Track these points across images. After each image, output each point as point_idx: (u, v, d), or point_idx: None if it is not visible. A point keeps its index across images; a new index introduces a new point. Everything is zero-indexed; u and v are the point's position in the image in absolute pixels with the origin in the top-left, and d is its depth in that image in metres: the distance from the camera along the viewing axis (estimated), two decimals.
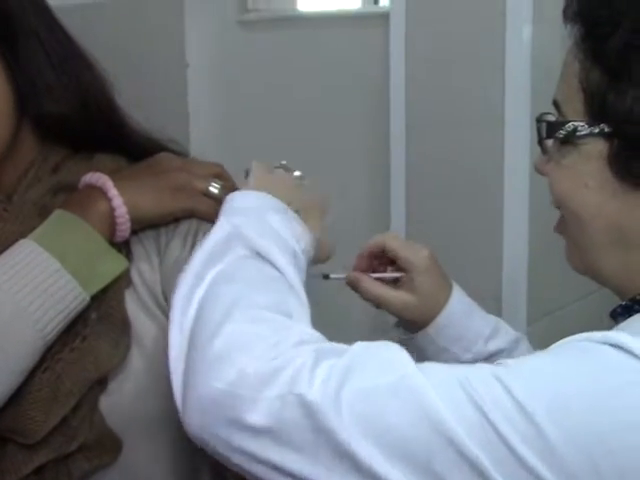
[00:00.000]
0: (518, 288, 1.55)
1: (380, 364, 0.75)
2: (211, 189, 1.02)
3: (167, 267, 1.00)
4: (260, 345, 0.76)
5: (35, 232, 0.94)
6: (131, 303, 0.99)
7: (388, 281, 1.10)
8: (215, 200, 1.01)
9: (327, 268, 1.06)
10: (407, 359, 0.76)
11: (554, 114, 0.88)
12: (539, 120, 0.89)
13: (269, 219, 0.90)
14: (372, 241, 1.11)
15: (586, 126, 0.82)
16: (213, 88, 1.90)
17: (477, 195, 1.56)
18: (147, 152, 1.04)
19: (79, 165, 1.02)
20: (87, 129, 1.02)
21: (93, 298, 0.95)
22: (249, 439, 0.73)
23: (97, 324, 0.96)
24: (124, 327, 0.97)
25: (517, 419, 0.70)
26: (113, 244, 0.97)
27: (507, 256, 1.55)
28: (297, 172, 1.02)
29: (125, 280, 0.98)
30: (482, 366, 0.76)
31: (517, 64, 1.47)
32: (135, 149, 1.05)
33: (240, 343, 0.76)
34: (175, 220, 1.01)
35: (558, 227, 0.92)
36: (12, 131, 0.99)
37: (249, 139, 1.87)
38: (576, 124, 0.83)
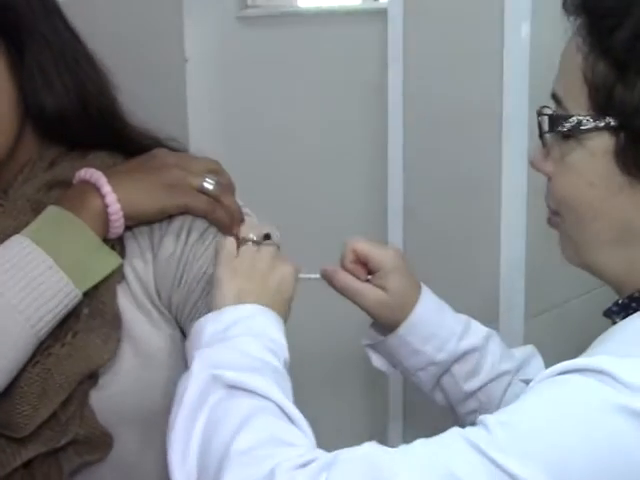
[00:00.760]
0: (516, 285, 1.55)
1: (370, 470, 0.73)
2: (205, 185, 1.01)
3: (160, 263, 1.01)
4: None
5: (28, 228, 0.94)
6: (124, 299, 1.00)
7: None
8: (209, 196, 1.01)
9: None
10: (394, 455, 0.75)
11: (552, 108, 0.87)
12: (540, 114, 0.87)
13: (243, 346, 0.88)
14: (346, 250, 1.10)
15: (591, 120, 0.81)
16: (212, 83, 1.89)
17: (475, 192, 1.56)
18: (145, 150, 1.04)
19: (74, 161, 1.03)
20: (86, 128, 1.02)
21: (85, 294, 0.95)
22: None
23: (89, 319, 0.96)
24: (115, 322, 0.97)
25: None
26: (107, 240, 0.97)
27: (505, 253, 1.55)
28: (268, 240, 1.00)
29: (118, 276, 0.98)
30: (462, 445, 0.73)
31: (516, 61, 1.47)
32: (134, 148, 1.04)
33: None
34: (169, 216, 1.01)
35: (552, 221, 0.90)
36: (17, 130, 0.99)
37: (247, 134, 1.87)
38: (580, 118, 0.82)
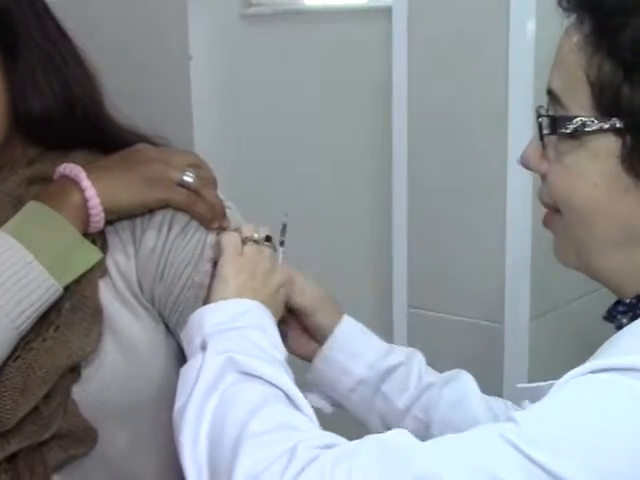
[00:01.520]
0: (521, 285, 1.55)
1: (400, 459, 0.73)
2: (185, 179, 1.01)
3: (142, 257, 1.01)
4: (276, 469, 0.75)
5: (8, 224, 0.94)
6: (107, 292, 1.00)
7: None
8: (190, 190, 1.01)
9: None
10: (423, 449, 0.74)
11: (548, 105, 0.84)
12: (540, 115, 0.84)
13: (252, 337, 0.91)
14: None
15: (595, 121, 0.78)
16: (216, 81, 1.90)
17: (480, 191, 1.56)
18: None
19: (55, 158, 1.03)
20: (70, 129, 1.03)
21: (67, 288, 0.95)
22: None
23: (70, 313, 0.96)
24: (96, 316, 0.98)
25: None
26: (88, 235, 0.97)
27: (510, 253, 1.54)
28: (267, 243, 1.03)
29: (99, 270, 0.99)
30: (494, 439, 0.72)
31: (520, 59, 1.47)
32: (118, 147, 1.04)
33: (256, 473, 0.76)
34: (150, 210, 1.01)
35: (548, 222, 0.88)
36: (7, 131, 1.00)
37: (251, 132, 1.87)
38: (585, 119, 0.79)
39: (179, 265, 1.01)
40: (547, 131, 0.83)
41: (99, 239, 0.99)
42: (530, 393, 1.03)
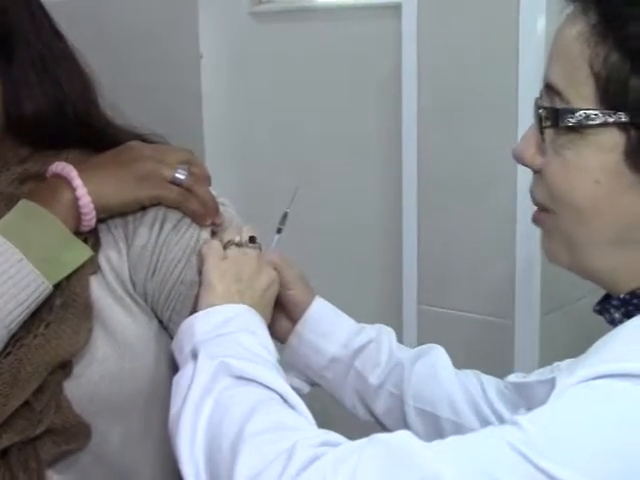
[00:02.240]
0: (532, 281, 1.54)
1: (405, 461, 0.72)
2: (177, 176, 1.01)
3: (134, 254, 1.02)
4: (276, 468, 0.75)
5: None
6: (99, 289, 1.00)
7: None
8: (182, 187, 1.01)
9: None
10: (428, 452, 0.73)
11: (544, 99, 0.81)
12: (540, 106, 0.81)
13: (243, 341, 0.91)
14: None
15: (600, 115, 0.76)
16: (227, 79, 1.90)
17: (490, 187, 1.56)
18: None
19: (47, 156, 1.04)
20: (62, 130, 1.04)
21: (58, 285, 0.96)
22: None
23: (61, 310, 0.97)
24: (86, 312, 0.98)
25: None
26: (80, 233, 0.98)
27: (520, 249, 1.54)
28: (252, 244, 1.03)
29: (91, 267, 0.99)
30: (499, 444, 0.71)
31: (530, 55, 1.47)
32: (112, 146, 1.04)
33: (256, 472, 0.75)
34: (143, 208, 1.02)
35: (539, 220, 0.86)
36: (1, 131, 1.00)
37: (261, 129, 1.88)
38: (588, 112, 0.76)
39: (171, 262, 1.01)
40: (548, 124, 0.80)
41: (91, 237, 1.00)
42: (519, 388, 1.04)
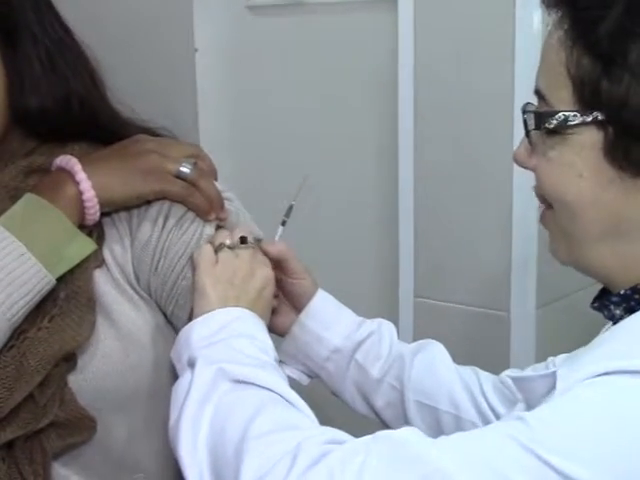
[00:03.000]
0: (528, 273, 1.55)
1: (411, 458, 0.73)
2: (182, 170, 1.01)
3: (138, 249, 1.02)
4: (282, 467, 0.75)
5: (3, 216, 0.95)
6: (104, 282, 1.01)
7: None
8: (187, 181, 1.01)
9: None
10: (434, 449, 0.73)
11: (535, 104, 0.85)
12: (525, 111, 0.85)
13: (238, 346, 0.91)
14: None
15: (578, 115, 0.79)
16: (222, 73, 1.90)
17: (486, 182, 1.56)
18: None
19: (53, 149, 1.03)
20: (68, 124, 1.03)
21: (62, 278, 0.96)
22: None
23: (65, 303, 0.97)
24: (90, 305, 0.98)
25: None
26: (84, 226, 0.98)
27: (516, 241, 1.54)
28: (244, 244, 1.03)
29: (95, 260, 0.99)
30: (505, 440, 0.72)
31: (527, 50, 1.46)
32: (119, 140, 1.04)
33: (263, 473, 0.76)
34: (148, 202, 1.02)
35: (543, 219, 0.89)
36: (5, 124, 1.00)
37: (257, 123, 1.87)
38: (567, 114, 0.79)
39: (174, 256, 1.01)
40: (532, 127, 0.84)
41: (96, 230, 1.00)
42: (518, 382, 1.04)
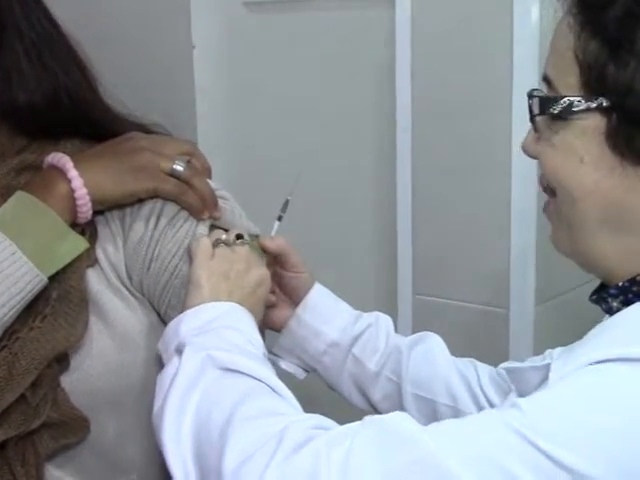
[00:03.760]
0: (527, 270, 1.54)
1: (401, 441, 0.72)
2: (176, 168, 1.00)
3: (130, 248, 1.01)
4: (267, 450, 0.74)
5: None
6: (97, 281, 1.00)
7: None
8: (180, 179, 1.00)
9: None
10: (425, 434, 0.72)
11: (543, 91, 0.84)
12: (531, 96, 0.84)
13: (227, 336, 0.91)
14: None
15: (583, 101, 0.78)
16: (219, 70, 1.89)
17: (484, 177, 1.56)
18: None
19: (45, 146, 1.02)
20: (58, 120, 1.02)
21: (54, 277, 0.95)
22: None
23: (57, 303, 0.96)
24: (82, 305, 0.97)
25: (559, 477, 0.68)
26: (77, 225, 0.97)
27: (515, 238, 1.54)
28: (240, 240, 1.02)
29: (87, 259, 0.99)
30: (498, 425, 0.71)
31: (525, 45, 1.46)
32: (112, 136, 1.03)
33: (247, 456, 0.75)
34: (140, 200, 1.01)
35: (546, 209, 0.88)
36: None
37: (255, 120, 1.87)
38: (572, 99, 0.79)
39: (166, 255, 1.00)
40: (536, 112, 0.83)
41: (88, 229, 0.99)
42: (511, 373, 1.04)
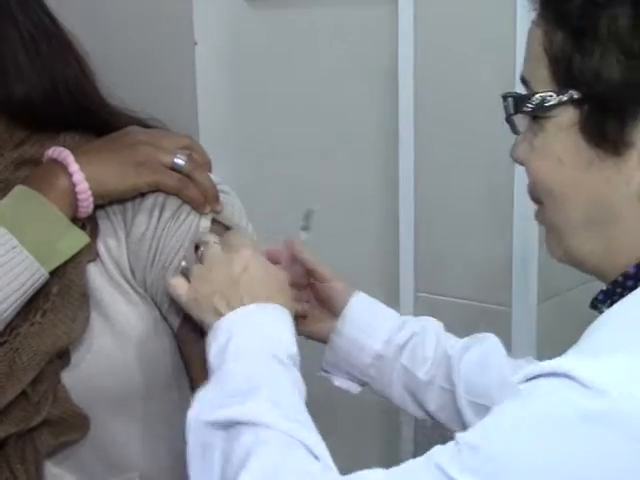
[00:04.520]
0: (529, 268, 1.54)
1: None
2: (177, 161, 0.99)
3: (133, 242, 1.00)
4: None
5: None
6: (99, 276, 0.99)
7: None
8: (181, 173, 1.00)
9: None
10: None
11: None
12: (505, 97, 0.83)
13: (237, 370, 0.86)
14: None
15: (554, 95, 0.77)
16: (221, 66, 1.89)
17: (487, 176, 1.55)
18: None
19: (43, 140, 1.02)
20: (56, 113, 1.01)
21: (54, 272, 0.94)
22: None
23: (57, 298, 0.95)
24: (83, 301, 0.97)
25: None
26: (78, 219, 0.96)
27: (517, 236, 1.54)
28: (201, 250, 0.99)
29: (89, 254, 0.98)
30: (429, 469, 0.71)
31: None
32: (110, 130, 1.03)
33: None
34: (142, 195, 1.00)
35: (537, 216, 0.87)
36: None
37: (257, 118, 1.86)
38: (544, 95, 0.78)
39: (170, 250, 0.99)
40: (511, 111, 0.82)
41: (89, 223, 0.98)
42: (513, 370, 1.04)
